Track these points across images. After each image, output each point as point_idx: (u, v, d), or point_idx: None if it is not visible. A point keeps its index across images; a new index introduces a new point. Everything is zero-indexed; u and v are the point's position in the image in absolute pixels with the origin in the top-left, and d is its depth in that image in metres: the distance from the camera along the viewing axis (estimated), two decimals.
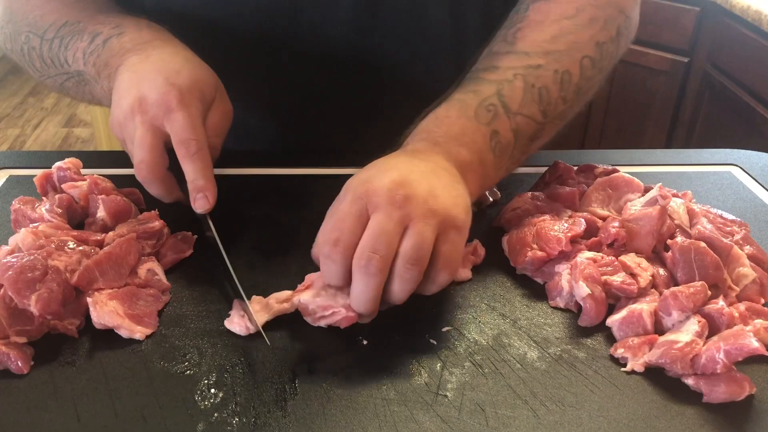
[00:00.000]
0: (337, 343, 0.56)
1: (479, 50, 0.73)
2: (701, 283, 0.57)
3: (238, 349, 0.55)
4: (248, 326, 0.56)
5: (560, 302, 0.61)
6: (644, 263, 0.61)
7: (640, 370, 0.54)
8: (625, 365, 0.54)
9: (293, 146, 0.89)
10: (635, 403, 0.51)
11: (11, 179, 0.77)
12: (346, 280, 0.55)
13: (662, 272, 0.61)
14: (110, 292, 0.57)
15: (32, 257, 0.55)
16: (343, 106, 0.85)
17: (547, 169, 0.75)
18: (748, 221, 0.68)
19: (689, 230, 0.64)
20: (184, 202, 0.64)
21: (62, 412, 0.49)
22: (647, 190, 0.68)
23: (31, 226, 0.61)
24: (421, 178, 0.57)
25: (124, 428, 0.48)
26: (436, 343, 0.56)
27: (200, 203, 0.62)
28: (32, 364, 0.53)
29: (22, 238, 0.59)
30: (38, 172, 0.69)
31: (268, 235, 0.68)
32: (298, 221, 0.70)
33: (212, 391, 0.51)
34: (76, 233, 0.61)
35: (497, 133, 0.64)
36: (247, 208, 0.64)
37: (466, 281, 0.63)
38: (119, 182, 0.70)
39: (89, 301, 0.55)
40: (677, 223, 0.65)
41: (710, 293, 0.57)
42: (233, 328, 0.56)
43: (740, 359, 0.50)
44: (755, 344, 0.50)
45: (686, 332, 0.54)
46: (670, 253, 0.61)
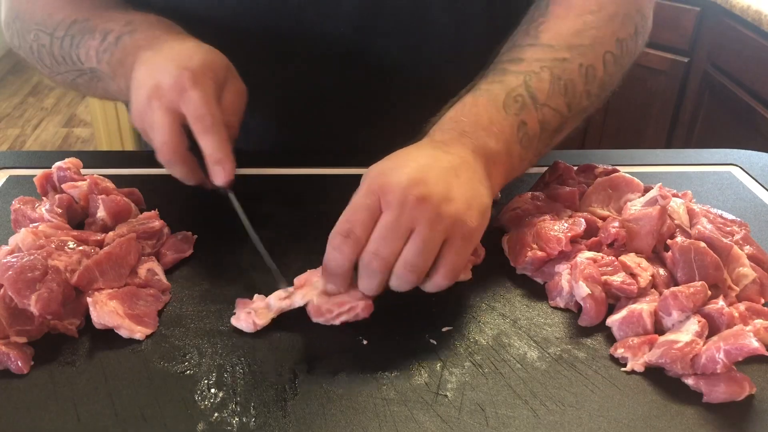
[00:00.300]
0: (337, 343, 0.56)
1: (482, 52, 0.73)
2: (701, 283, 0.57)
3: (238, 349, 0.55)
4: (255, 322, 0.56)
5: (560, 302, 0.61)
6: (644, 263, 0.61)
7: (640, 370, 0.54)
8: (625, 365, 0.54)
9: (294, 146, 0.89)
10: (635, 403, 0.51)
11: (11, 179, 0.77)
12: (348, 271, 0.56)
13: (662, 272, 0.61)
14: (110, 292, 0.57)
15: (32, 257, 0.55)
16: (344, 106, 0.85)
17: (547, 169, 0.75)
18: (748, 221, 0.68)
19: (689, 230, 0.64)
20: (207, 185, 0.65)
21: (62, 412, 0.49)
22: (647, 190, 0.68)
23: (31, 226, 0.61)
24: (439, 177, 0.57)
25: (124, 428, 0.48)
26: (436, 343, 0.56)
27: (218, 175, 0.62)
28: (32, 364, 0.53)
29: (22, 238, 0.59)
30: (38, 172, 0.69)
31: (268, 235, 0.68)
32: (298, 221, 0.70)
33: (212, 391, 0.51)
34: (76, 233, 0.61)
35: (525, 124, 0.64)
36: (247, 207, 0.64)
37: (466, 281, 0.63)
38: (119, 182, 0.70)
39: (89, 301, 0.55)
40: (677, 223, 0.65)
41: (710, 293, 0.57)
42: (240, 325, 0.56)
43: (740, 359, 0.50)
44: (755, 344, 0.50)
45: (686, 332, 0.54)
46: (670, 253, 0.61)
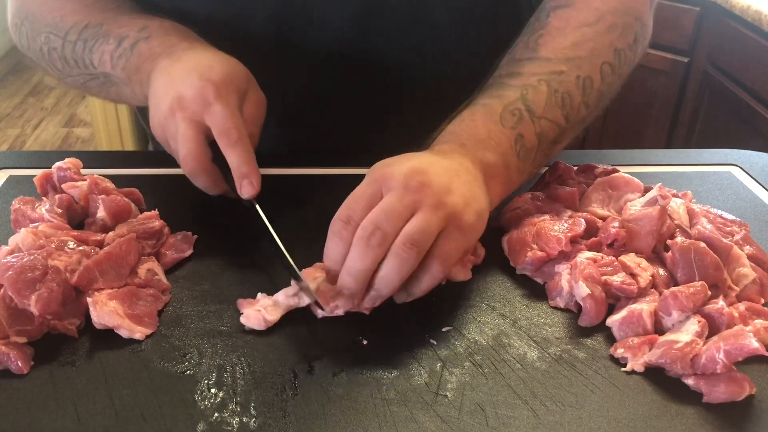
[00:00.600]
0: (337, 343, 0.56)
1: (485, 53, 0.73)
2: (701, 283, 0.57)
3: (238, 349, 0.55)
4: (266, 318, 0.56)
5: (560, 302, 0.61)
6: (644, 263, 0.61)
7: (640, 370, 0.54)
8: (625, 365, 0.54)
9: (297, 147, 0.89)
10: (635, 403, 0.51)
11: (11, 179, 0.77)
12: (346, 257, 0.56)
13: (662, 272, 0.61)
14: (110, 292, 0.57)
15: (32, 257, 0.55)
16: (347, 106, 0.86)
17: (547, 169, 0.75)
18: (748, 221, 0.68)
19: (689, 230, 0.64)
20: (229, 194, 0.66)
21: (62, 412, 0.49)
22: (647, 190, 0.68)
23: (31, 226, 0.61)
24: (441, 172, 0.58)
25: (124, 428, 0.48)
26: (436, 343, 0.56)
27: (246, 189, 0.63)
28: (32, 364, 0.53)
29: (22, 238, 0.59)
30: (38, 172, 0.69)
31: (269, 234, 0.68)
32: (299, 221, 0.70)
33: (212, 391, 0.51)
34: (76, 233, 0.61)
35: (522, 136, 0.65)
36: (248, 208, 0.64)
37: (466, 281, 0.63)
38: (119, 182, 0.70)
39: (89, 301, 0.55)
40: (677, 223, 0.65)
41: (710, 293, 0.57)
42: (249, 323, 0.56)
43: (740, 359, 0.50)
44: (755, 344, 0.50)
45: (686, 332, 0.54)
46: (670, 253, 0.61)
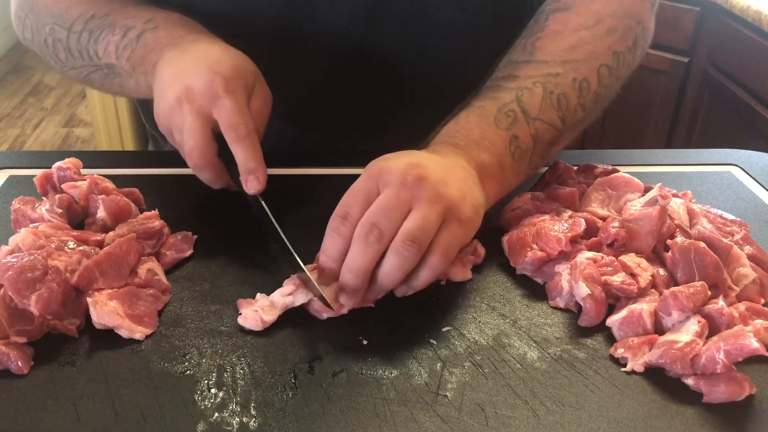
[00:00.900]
0: (337, 343, 0.56)
1: (489, 54, 0.73)
2: (701, 283, 0.57)
3: (238, 349, 0.55)
4: (263, 319, 0.56)
5: (560, 302, 0.61)
6: (644, 263, 0.61)
7: (640, 370, 0.54)
8: (625, 365, 0.54)
9: (297, 144, 0.89)
10: (635, 403, 0.51)
11: (11, 179, 0.77)
12: (345, 255, 0.56)
13: (662, 272, 0.61)
14: (110, 292, 0.57)
15: (32, 257, 0.55)
16: (351, 104, 0.86)
17: (547, 169, 0.75)
18: (748, 221, 0.68)
19: (689, 230, 0.64)
20: (232, 187, 0.66)
21: (62, 412, 0.49)
22: (647, 190, 0.68)
23: (31, 226, 0.61)
24: (437, 166, 0.59)
25: (124, 428, 0.48)
26: (436, 343, 0.56)
27: (252, 185, 0.63)
28: (32, 364, 0.53)
29: (22, 238, 0.59)
30: (38, 172, 0.69)
31: (269, 234, 0.68)
32: (300, 221, 0.70)
33: (212, 391, 0.51)
34: (76, 233, 0.61)
35: (517, 138, 0.65)
36: (248, 208, 0.64)
37: (466, 281, 0.63)
38: (119, 182, 0.70)
39: (89, 301, 0.55)
40: (677, 223, 0.65)
41: (710, 293, 0.57)
42: (247, 324, 0.56)
43: (740, 359, 0.50)
44: (755, 344, 0.50)
45: (686, 332, 0.54)
46: (670, 253, 0.61)
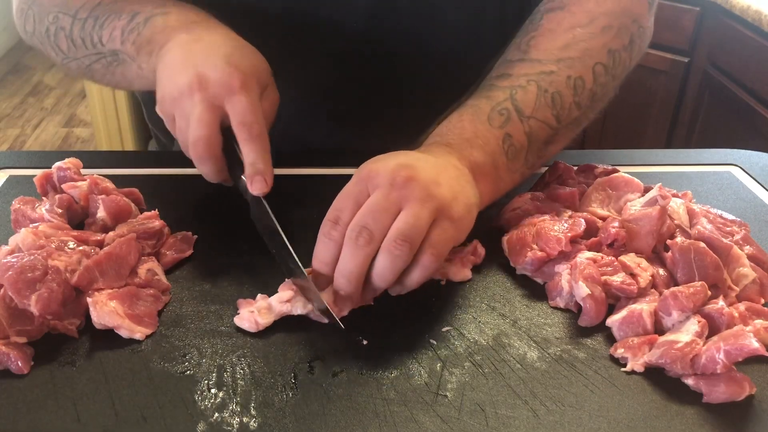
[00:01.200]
0: (337, 343, 0.56)
1: (494, 54, 0.73)
2: (701, 283, 0.57)
3: (238, 349, 0.55)
4: (258, 322, 0.56)
5: (560, 302, 0.61)
6: (644, 263, 0.61)
7: (640, 370, 0.54)
8: (625, 365, 0.54)
9: (300, 142, 0.89)
10: (635, 403, 0.51)
11: (11, 179, 0.77)
12: (337, 259, 0.56)
13: (662, 272, 0.61)
14: (110, 292, 0.57)
15: (32, 257, 0.55)
16: (355, 101, 0.86)
17: (547, 169, 0.75)
18: (748, 221, 0.68)
19: (689, 230, 0.64)
20: (228, 183, 0.65)
21: (62, 412, 0.49)
22: (647, 190, 0.68)
23: (31, 226, 0.61)
24: (427, 166, 0.58)
25: (124, 428, 0.48)
26: (436, 343, 0.56)
27: (258, 186, 0.61)
28: (32, 364, 0.53)
29: (22, 238, 0.59)
30: (38, 172, 0.69)
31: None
32: (298, 221, 0.70)
33: (212, 391, 0.51)
34: (76, 233, 0.61)
35: (510, 136, 0.65)
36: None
37: (466, 281, 0.63)
38: (119, 182, 0.70)
39: (89, 301, 0.55)
40: (677, 223, 0.65)
41: (710, 293, 0.57)
42: (242, 324, 0.56)
43: (740, 359, 0.50)
44: (755, 344, 0.50)
45: (686, 332, 0.54)
46: (670, 253, 0.61)
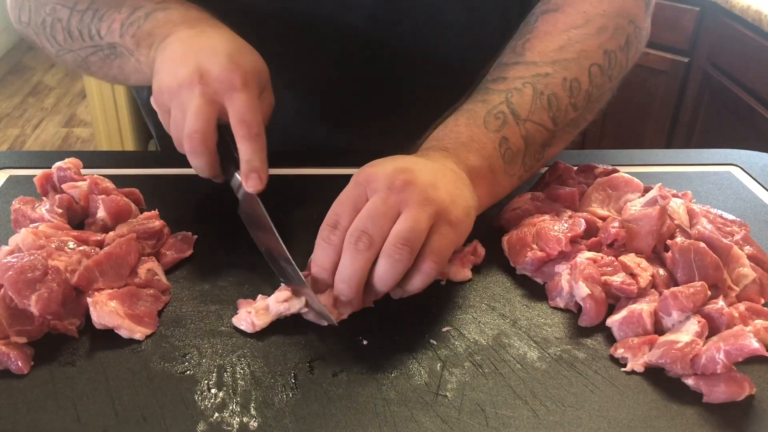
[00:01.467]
0: (337, 343, 0.56)
1: (494, 55, 0.73)
2: (701, 283, 0.57)
3: (238, 349, 0.55)
4: (254, 323, 0.56)
5: (560, 302, 0.61)
6: (644, 263, 0.61)
7: (640, 370, 0.54)
8: (625, 365, 0.54)
9: (301, 141, 0.89)
10: (635, 403, 0.51)
11: (11, 179, 0.77)
12: (336, 264, 0.56)
13: (662, 272, 0.61)
14: (110, 292, 0.57)
15: (32, 257, 0.55)
16: (357, 100, 0.86)
17: (547, 169, 0.75)
18: (748, 221, 0.68)
19: (689, 230, 0.64)
20: (219, 180, 0.65)
21: (62, 412, 0.49)
22: (647, 190, 0.68)
23: (31, 226, 0.61)
24: (425, 170, 0.58)
25: (124, 428, 0.48)
26: (436, 343, 0.56)
27: (253, 183, 0.61)
28: (32, 364, 0.53)
29: (22, 238, 0.59)
30: (38, 172, 0.69)
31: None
32: (298, 221, 0.70)
33: (212, 391, 0.51)
34: (76, 233, 0.61)
35: (507, 139, 0.65)
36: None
37: (466, 281, 0.63)
38: (119, 182, 0.70)
39: (89, 301, 0.55)
40: (677, 223, 0.65)
41: (710, 293, 0.57)
42: (240, 324, 0.56)
43: (740, 359, 0.50)
44: (755, 345, 0.50)
45: (686, 332, 0.54)
46: (670, 253, 0.61)
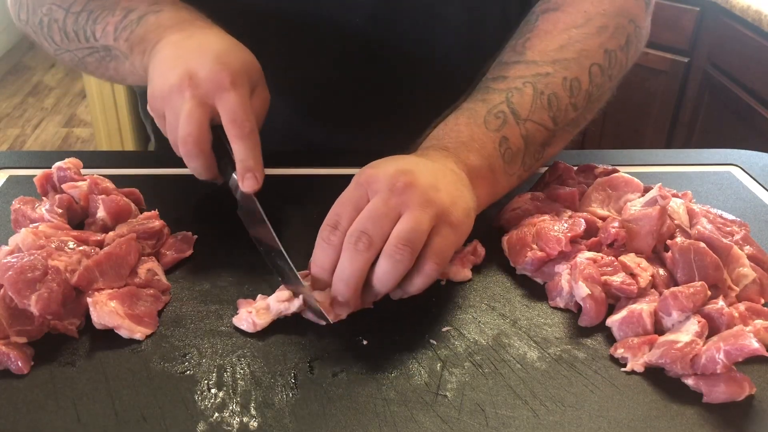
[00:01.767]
0: (337, 343, 0.56)
1: (494, 54, 0.73)
2: (701, 283, 0.57)
3: (238, 349, 0.55)
4: (255, 322, 0.56)
5: (560, 302, 0.61)
6: (644, 263, 0.61)
7: (640, 370, 0.54)
8: (625, 365, 0.54)
9: (301, 141, 0.88)
10: (635, 403, 0.51)
11: (11, 179, 0.77)
12: (335, 265, 0.56)
13: (662, 272, 0.61)
14: (110, 292, 0.57)
15: (32, 257, 0.55)
16: (356, 100, 0.86)
17: (547, 169, 0.75)
18: (748, 221, 0.68)
19: (689, 230, 0.64)
20: (218, 181, 0.65)
21: (62, 412, 0.49)
22: (647, 190, 0.68)
23: (31, 226, 0.61)
24: (426, 171, 0.58)
25: (124, 428, 0.48)
26: (436, 343, 0.56)
27: (249, 183, 0.61)
28: (32, 364, 0.53)
29: (22, 238, 0.59)
30: (38, 172, 0.69)
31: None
32: (298, 221, 0.70)
33: (212, 391, 0.51)
34: (76, 233, 0.61)
35: (507, 139, 0.65)
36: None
37: (466, 281, 0.63)
38: (119, 182, 0.70)
39: (89, 301, 0.55)
40: (677, 223, 0.65)
41: (710, 293, 0.57)
42: (240, 324, 0.56)
43: (740, 359, 0.50)
44: (755, 345, 0.50)
45: (686, 332, 0.54)
46: (670, 253, 0.61)
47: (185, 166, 0.64)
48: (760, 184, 0.81)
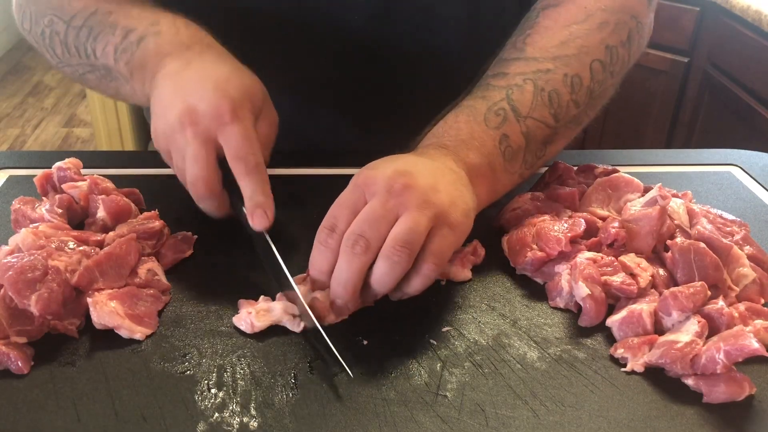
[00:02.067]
0: (337, 343, 0.56)
1: (493, 53, 0.73)
2: (701, 283, 0.57)
3: (238, 349, 0.55)
4: (254, 324, 0.56)
5: (560, 302, 0.61)
6: (644, 263, 0.61)
7: (640, 370, 0.54)
8: (625, 365, 0.54)
9: (301, 140, 0.88)
10: (635, 403, 0.51)
11: (11, 179, 0.77)
12: (333, 267, 0.55)
13: (662, 272, 0.61)
14: (110, 292, 0.57)
15: (32, 257, 0.55)
16: (356, 99, 0.86)
17: (547, 169, 0.75)
18: (748, 221, 0.68)
19: (689, 230, 0.64)
20: (233, 216, 0.63)
21: (62, 412, 0.49)
22: (647, 190, 0.68)
23: (31, 226, 0.61)
24: (425, 172, 0.58)
25: (124, 428, 0.48)
26: (436, 343, 0.56)
27: (259, 220, 0.59)
28: (32, 364, 0.53)
29: (22, 238, 0.59)
30: (38, 172, 0.69)
31: (268, 235, 0.68)
32: (298, 222, 0.70)
33: (212, 391, 0.51)
34: (76, 233, 0.61)
35: (507, 137, 0.65)
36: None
37: (466, 281, 0.63)
38: (119, 182, 0.70)
39: (89, 301, 0.55)
40: (677, 223, 0.65)
41: (710, 293, 0.57)
42: (239, 324, 0.56)
43: (740, 360, 0.50)
44: (755, 345, 0.50)
45: (686, 332, 0.54)
46: (670, 253, 0.61)
47: None
48: (760, 184, 0.81)
